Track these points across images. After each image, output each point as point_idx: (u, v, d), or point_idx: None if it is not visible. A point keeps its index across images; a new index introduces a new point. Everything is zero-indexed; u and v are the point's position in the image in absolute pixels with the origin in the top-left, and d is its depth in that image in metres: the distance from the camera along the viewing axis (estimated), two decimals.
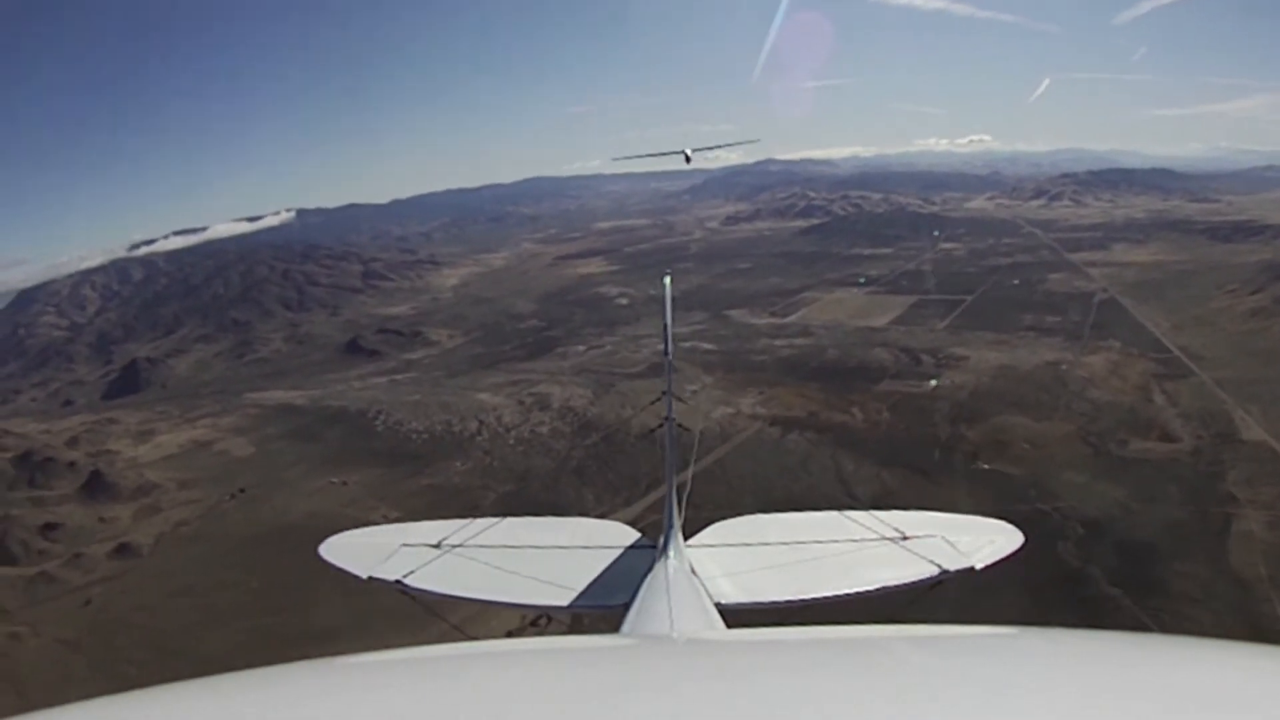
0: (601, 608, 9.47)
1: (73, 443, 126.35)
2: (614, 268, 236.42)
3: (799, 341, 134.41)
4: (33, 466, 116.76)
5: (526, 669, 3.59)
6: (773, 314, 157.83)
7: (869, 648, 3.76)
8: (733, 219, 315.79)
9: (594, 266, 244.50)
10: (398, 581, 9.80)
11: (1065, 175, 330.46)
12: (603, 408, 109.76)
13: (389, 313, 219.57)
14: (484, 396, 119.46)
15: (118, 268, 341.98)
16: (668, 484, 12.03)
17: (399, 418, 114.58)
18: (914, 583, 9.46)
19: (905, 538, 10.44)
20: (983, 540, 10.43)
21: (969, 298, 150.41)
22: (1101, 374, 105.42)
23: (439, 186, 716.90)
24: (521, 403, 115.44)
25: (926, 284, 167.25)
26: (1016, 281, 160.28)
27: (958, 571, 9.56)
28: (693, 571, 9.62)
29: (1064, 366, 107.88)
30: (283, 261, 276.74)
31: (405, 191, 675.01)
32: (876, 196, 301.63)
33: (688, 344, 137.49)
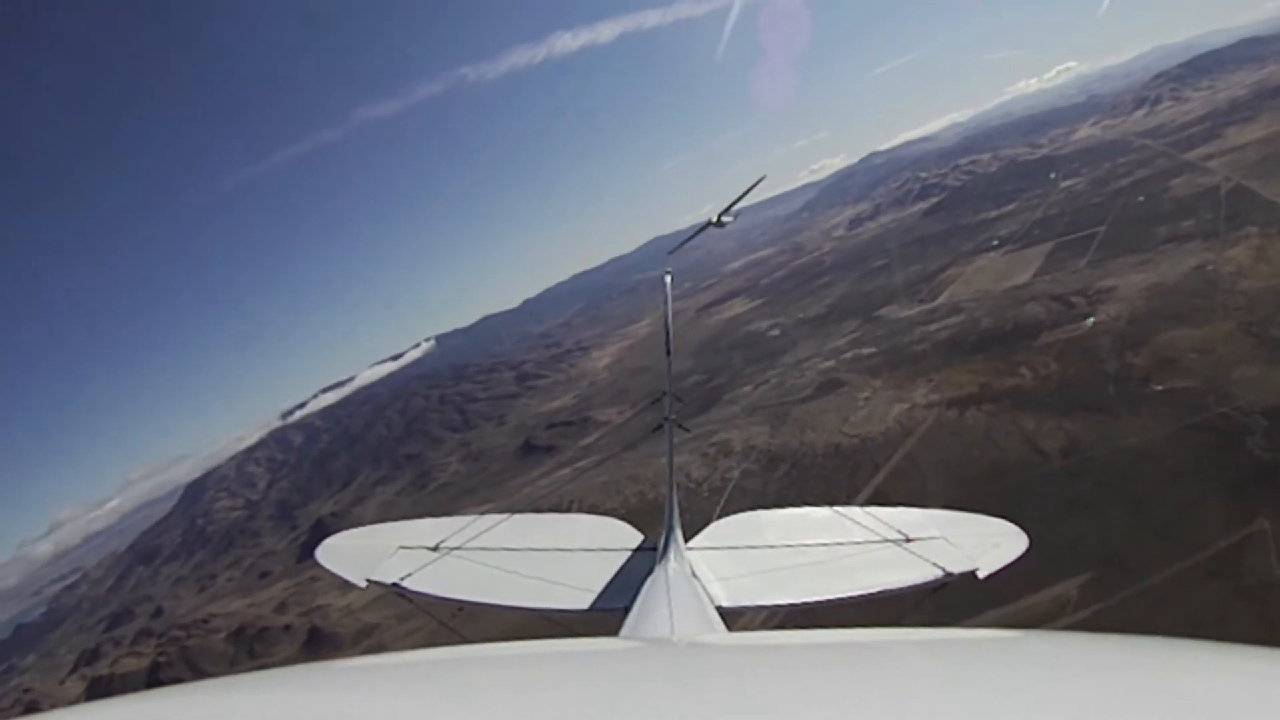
0: (601, 610, 9.50)
1: (281, 608, 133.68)
2: (756, 302, 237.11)
3: (952, 320, 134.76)
4: (249, 639, 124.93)
5: (526, 672, 3.65)
6: (920, 301, 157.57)
7: (871, 651, 3.86)
8: (856, 222, 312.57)
9: (737, 307, 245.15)
10: (395, 584, 9.88)
11: (1158, 76, 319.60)
12: (784, 438, 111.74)
13: (553, 407, 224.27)
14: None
15: (275, 438, 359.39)
16: (668, 484, 12.12)
17: (593, 501, 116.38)
18: (916, 585, 9.65)
19: (908, 539, 10.69)
20: (987, 543, 10.68)
21: (1101, 228, 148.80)
22: (1248, 263, 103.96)
23: (564, 275, 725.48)
24: (705, 455, 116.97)
25: (1057, 227, 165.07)
26: (1142, 198, 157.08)
27: (961, 575, 9.74)
28: (693, 573, 9.65)
29: (1209, 268, 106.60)
30: (436, 388, 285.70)
31: (533, 289, 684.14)
32: (985, 157, 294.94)
33: (848, 354, 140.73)
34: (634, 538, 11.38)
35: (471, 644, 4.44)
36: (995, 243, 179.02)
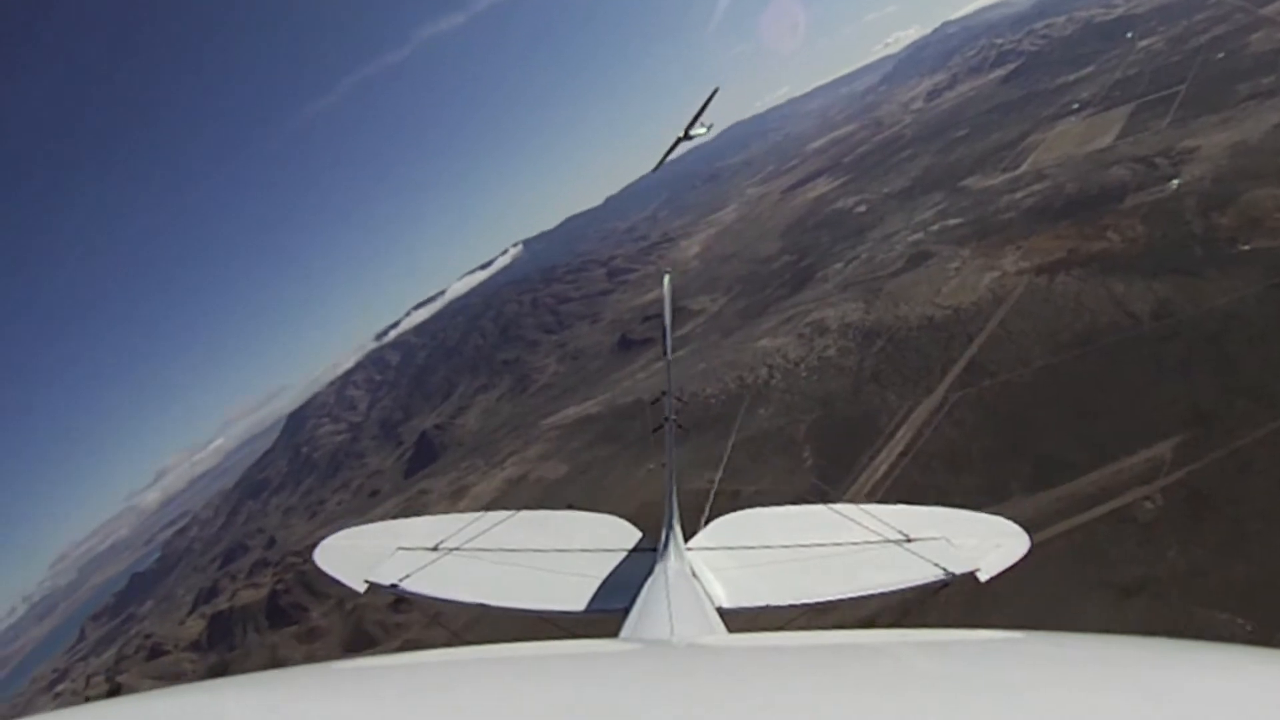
0: (600, 611, 9.51)
1: None
2: (841, 180, 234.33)
3: (1037, 187, 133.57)
4: None
5: (526, 674, 3.68)
6: (1004, 170, 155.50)
7: (872, 652, 3.83)
8: (934, 93, 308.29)
9: (821, 187, 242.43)
10: (393, 585, 9.84)
11: None
12: (878, 312, 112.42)
13: (645, 301, 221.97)
14: (764, 343, 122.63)
15: (372, 360, 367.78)
16: (667, 486, 11.72)
17: (693, 390, 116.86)
18: (917, 586, 9.57)
19: (910, 539, 10.55)
20: (989, 543, 10.50)
21: (1182, 87, 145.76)
22: None
23: (645, 168, 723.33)
24: (801, 335, 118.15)
25: (1137, 88, 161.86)
26: (1221, 55, 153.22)
27: (962, 575, 9.66)
28: (693, 574, 9.64)
29: None
30: (528, 292, 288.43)
31: (615, 185, 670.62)
32: (1061, 20, 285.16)
33: (935, 226, 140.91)
34: (633, 537, 11.59)
35: (471, 645, 4.55)
36: (1075, 106, 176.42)
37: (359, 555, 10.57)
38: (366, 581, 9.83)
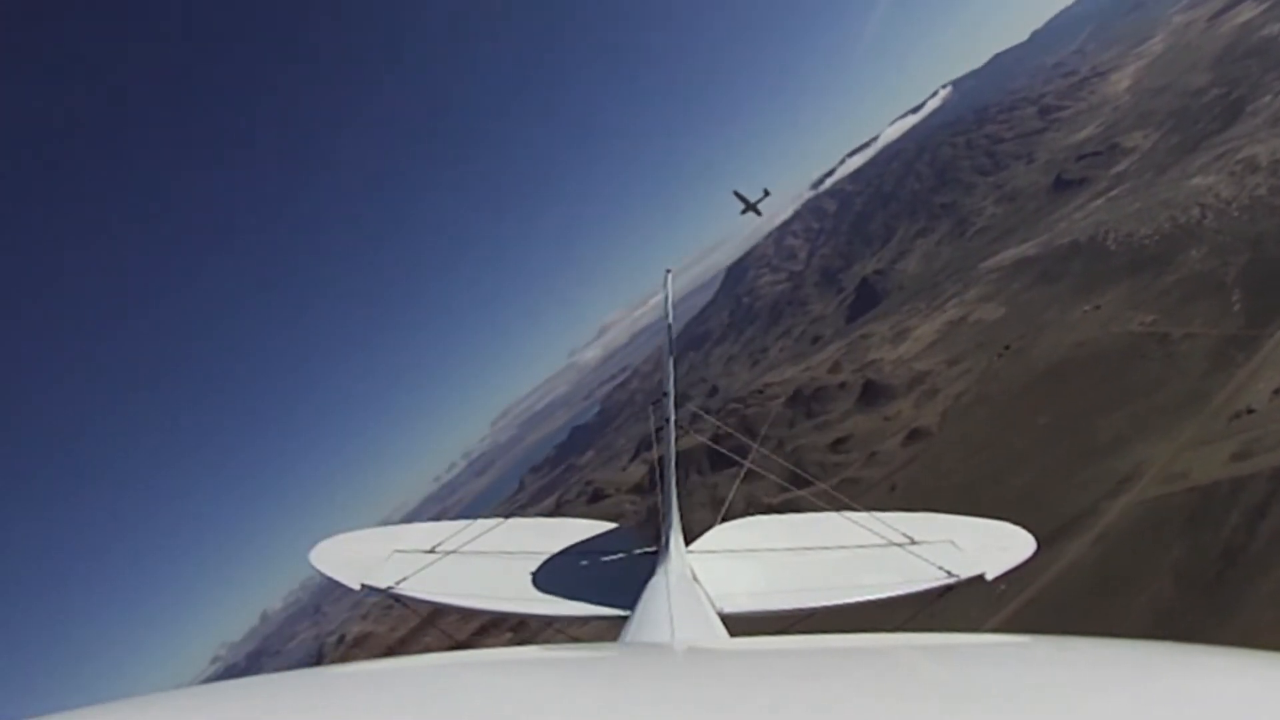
0: (600, 615, 9.37)
1: (835, 368, 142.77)
2: (1267, 3, 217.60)
3: None
4: (806, 399, 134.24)
5: (527, 677, 3.60)
6: None
7: (874, 655, 3.70)
8: None
9: (1246, 12, 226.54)
10: (390, 588, 9.52)
11: None
12: None
13: (1079, 138, 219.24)
14: (1196, 180, 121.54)
15: (809, 209, 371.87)
16: (666, 488, 11.50)
17: (1127, 230, 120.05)
18: (923, 590, 9.29)
19: (914, 542, 10.24)
20: (995, 547, 10.26)
21: None
22: None
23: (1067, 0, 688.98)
24: (1232, 173, 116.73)
25: None
26: None
27: (968, 579, 9.35)
28: (694, 577, 9.24)
29: None
30: (962, 134, 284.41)
31: (1038, 20, 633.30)
32: None
33: None
34: (634, 541, 11.53)
35: (472, 649, 4.44)
36: None
37: (355, 558, 10.39)
38: (363, 584, 9.64)
